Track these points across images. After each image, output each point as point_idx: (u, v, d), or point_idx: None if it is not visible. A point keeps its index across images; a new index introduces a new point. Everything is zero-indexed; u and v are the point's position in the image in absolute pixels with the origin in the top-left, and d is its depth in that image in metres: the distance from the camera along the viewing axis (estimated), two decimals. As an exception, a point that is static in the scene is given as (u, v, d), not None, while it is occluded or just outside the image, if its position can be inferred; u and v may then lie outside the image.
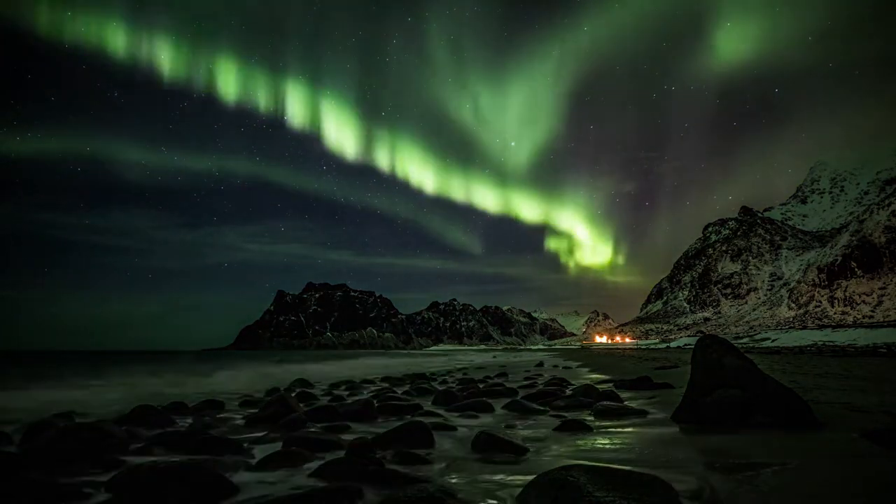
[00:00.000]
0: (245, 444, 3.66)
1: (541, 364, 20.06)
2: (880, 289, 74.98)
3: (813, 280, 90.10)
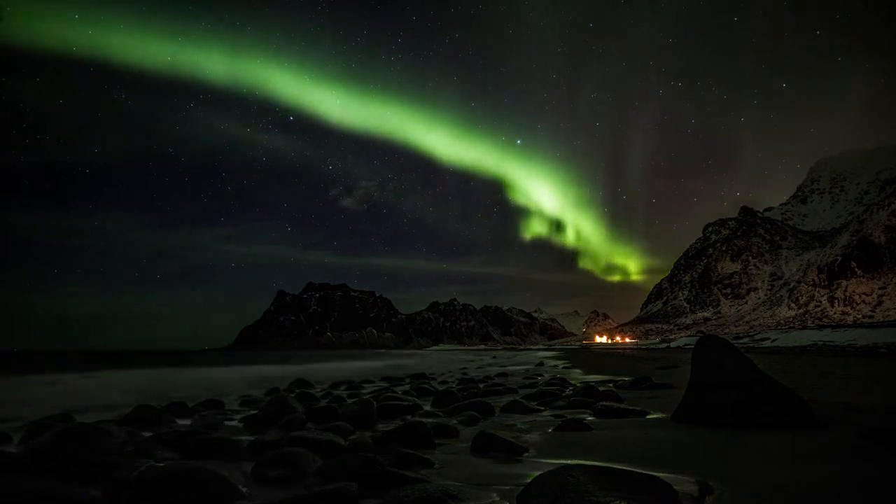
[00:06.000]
0: (245, 445, 3.66)
1: (541, 364, 20.06)
2: (880, 289, 74.96)
3: (813, 280, 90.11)
